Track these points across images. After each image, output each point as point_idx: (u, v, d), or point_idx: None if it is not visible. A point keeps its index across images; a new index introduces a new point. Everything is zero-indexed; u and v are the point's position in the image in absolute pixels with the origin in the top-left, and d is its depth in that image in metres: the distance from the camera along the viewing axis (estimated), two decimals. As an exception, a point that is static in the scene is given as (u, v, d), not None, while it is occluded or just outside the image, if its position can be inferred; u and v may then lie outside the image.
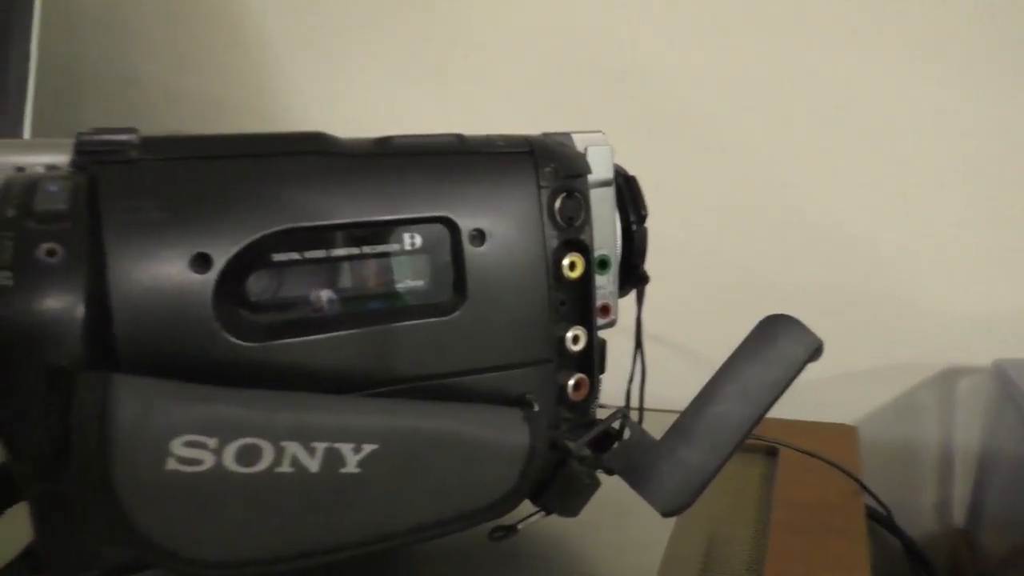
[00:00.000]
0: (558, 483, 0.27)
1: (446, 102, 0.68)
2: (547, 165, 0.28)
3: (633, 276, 0.32)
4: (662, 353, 0.66)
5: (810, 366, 0.65)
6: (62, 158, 0.23)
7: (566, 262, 0.28)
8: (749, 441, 0.53)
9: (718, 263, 0.65)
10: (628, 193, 0.31)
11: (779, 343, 0.29)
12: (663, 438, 0.29)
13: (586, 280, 0.29)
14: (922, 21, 0.59)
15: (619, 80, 0.65)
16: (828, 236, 0.62)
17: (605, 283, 0.30)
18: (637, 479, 0.28)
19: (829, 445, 0.53)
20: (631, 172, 0.33)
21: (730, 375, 0.29)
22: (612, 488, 0.32)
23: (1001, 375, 0.56)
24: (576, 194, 0.28)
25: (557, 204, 0.28)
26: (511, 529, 0.28)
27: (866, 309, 0.62)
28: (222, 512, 0.21)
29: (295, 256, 0.24)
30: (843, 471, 0.49)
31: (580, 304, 0.29)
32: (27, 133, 0.60)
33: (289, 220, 0.24)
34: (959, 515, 0.63)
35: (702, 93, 0.63)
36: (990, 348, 0.60)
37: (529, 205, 0.27)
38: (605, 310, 0.31)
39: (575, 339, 0.29)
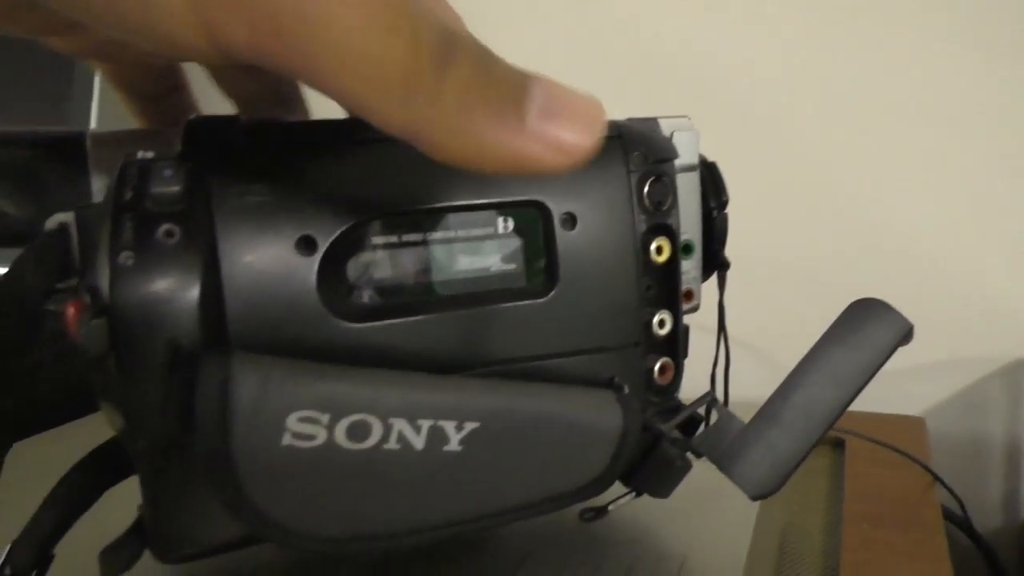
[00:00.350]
0: (652, 465, 0.27)
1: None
2: (636, 149, 0.28)
3: (714, 262, 0.32)
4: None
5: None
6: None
7: (653, 246, 0.28)
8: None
9: (778, 260, 0.64)
10: (709, 178, 0.31)
11: (868, 327, 0.29)
12: (751, 422, 0.29)
13: (672, 264, 0.29)
14: (967, 8, 0.57)
15: (665, 70, 0.64)
16: (892, 231, 0.62)
17: (689, 268, 0.30)
18: (726, 462, 0.28)
19: (897, 437, 0.52)
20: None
21: (818, 359, 0.29)
22: (694, 473, 0.32)
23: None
24: (664, 178, 0.28)
25: (646, 189, 0.28)
26: (602, 510, 0.28)
27: (932, 302, 0.61)
28: (333, 488, 0.21)
29: (394, 239, 0.25)
30: (915, 461, 0.48)
31: (666, 288, 0.29)
32: (93, 122, 0.62)
33: (388, 205, 0.24)
34: (1027, 509, 0.62)
35: (752, 87, 0.63)
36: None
37: (618, 189, 0.27)
38: (689, 295, 0.31)
39: (661, 323, 0.29)
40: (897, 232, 0.61)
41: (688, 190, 0.30)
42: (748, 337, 0.66)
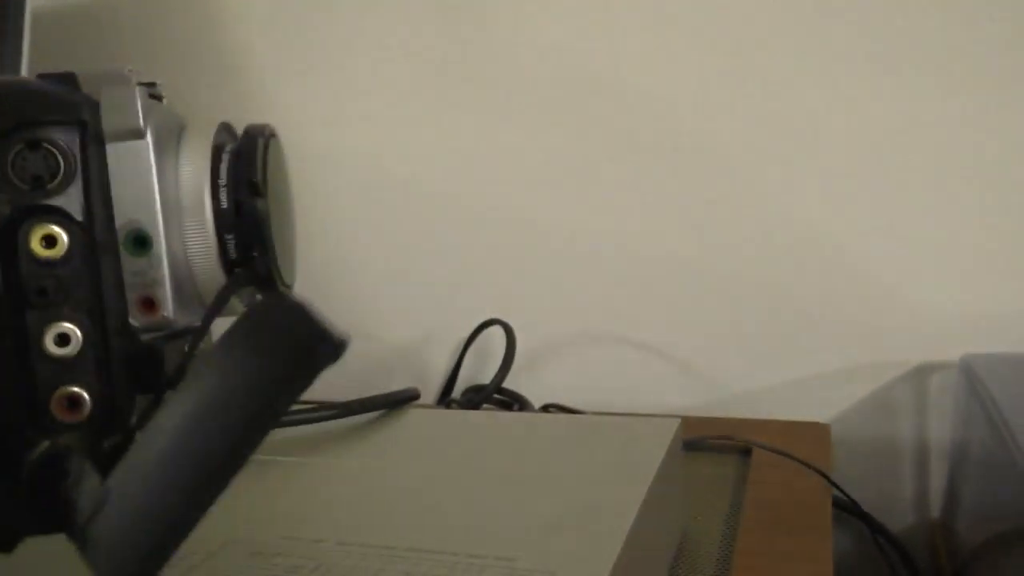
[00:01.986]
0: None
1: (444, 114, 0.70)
2: None
3: (248, 266, 0.25)
4: (648, 358, 0.68)
5: (782, 364, 0.68)
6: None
7: (36, 236, 0.22)
8: (721, 441, 0.55)
9: (692, 266, 0.66)
10: (242, 156, 0.25)
11: (278, 343, 0.19)
12: (111, 477, 0.20)
13: (72, 259, 0.22)
14: (893, 26, 0.60)
15: (601, 93, 0.66)
16: (796, 234, 0.64)
17: (145, 268, 0.24)
18: (84, 544, 0.19)
19: (802, 443, 0.54)
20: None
21: (200, 388, 0.20)
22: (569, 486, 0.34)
23: (968, 370, 0.58)
24: (44, 145, 0.22)
25: (10, 159, 0.22)
26: None
27: (837, 307, 0.64)
28: None
29: None
30: (812, 468, 0.50)
31: (65, 290, 0.22)
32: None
33: None
34: (935, 507, 0.65)
35: (682, 103, 0.65)
36: (961, 344, 0.62)
37: None
38: (148, 304, 0.24)
39: (62, 339, 0.22)
40: (799, 236, 0.64)
41: (131, 164, 0.23)
42: (667, 347, 0.68)
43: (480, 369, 0.71)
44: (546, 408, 0.63)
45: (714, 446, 0.55)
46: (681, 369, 0.68)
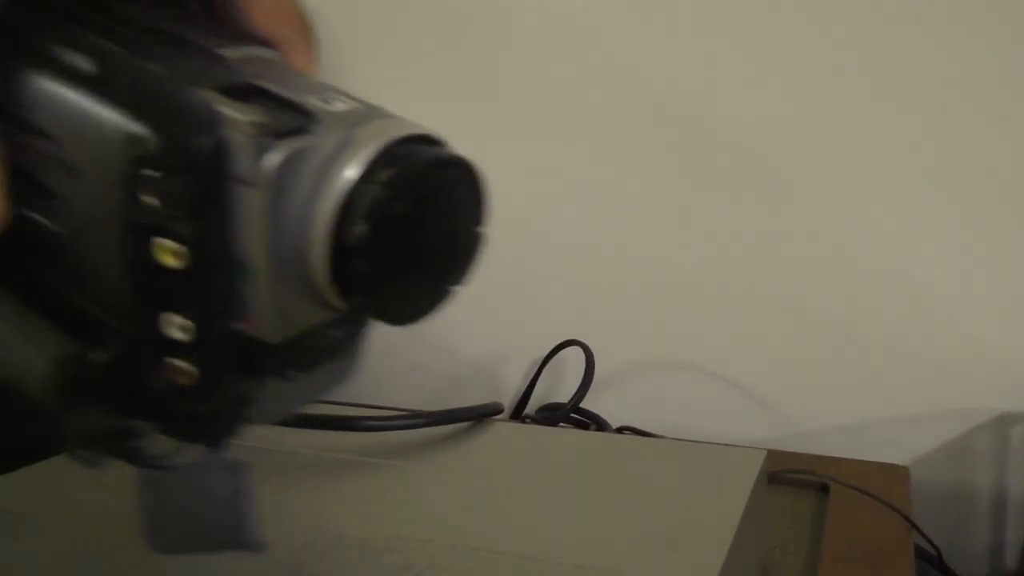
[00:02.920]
0: None
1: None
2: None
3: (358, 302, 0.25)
4: (721, 388, 0.68)
5: (860, 403, 0.67)
6: None
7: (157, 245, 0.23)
8: (801, 477, 0.55)
9: (772, 299, 0.67)
10: (393, 184, 0.24)
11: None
12: None
13: (191, 275, 0.23)
14: (977, 59, 0.60)
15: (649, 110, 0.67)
16: (881, 275, 0.64)
17: (250, 294, 0.24)
18: None
19: (880, 484, 0.54)
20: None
21: None
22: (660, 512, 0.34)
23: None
24: (173, 181, 0.23)
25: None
26: None
27: (920, 348, 0.64)
28: None
29: None
30: (894, 509, 0.50)
31: (184, 295, 0.24)
32: None
33: None
34: (1011, 559, 0.63)
35: (760, 133, 0.65)
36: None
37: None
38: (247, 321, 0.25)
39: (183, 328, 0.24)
40: (885, 277, 0.64)
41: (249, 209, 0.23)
42: (742, 378, 0.68)
43: (552, 388, 0.72)
44: (620, 430, 0.64)
45: (793, 480, 0.55)
46: (755, 401, 0.68)
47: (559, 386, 0.71)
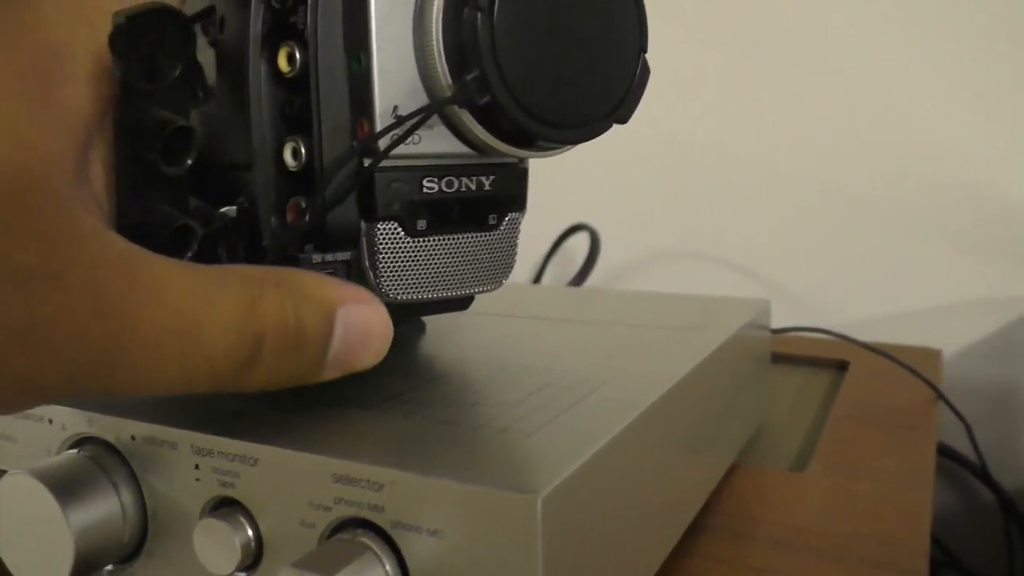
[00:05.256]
0: None
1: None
2: None
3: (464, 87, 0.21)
4: (746, 280, 0.64)
5: (896, 291, 0.61)
6: None
7: (282, 54, 0.22)
8: (816, 355, 0.50)
9: (804, 183, 0.62)
10: None
11: None
12: None
13: (303, 79, 0.22)
14: None
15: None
16: (932, 157, 0.58)
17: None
18: None
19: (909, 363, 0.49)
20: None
21: None
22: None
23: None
24: None
25: None
26: None
27: (966, 232, 0.58)
28: None
29: None
30: (919, 376, 0.45)
31: (295, 108, 0.22)
32: None
33: None
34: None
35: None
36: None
37: None
38: (361, 126, 0.22)
39: (293, 152, 0.22)
40: (952, 164, 0.58)
41: None
42: (767, 267, 0.63)
43: (563, 278, 0.68)
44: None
45: (808, 359, 0.51)
46: (784, 292, 0.63)
47: (569, 273, 0.67)
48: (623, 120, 0.24)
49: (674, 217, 0.66)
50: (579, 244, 0.64)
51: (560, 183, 0.67)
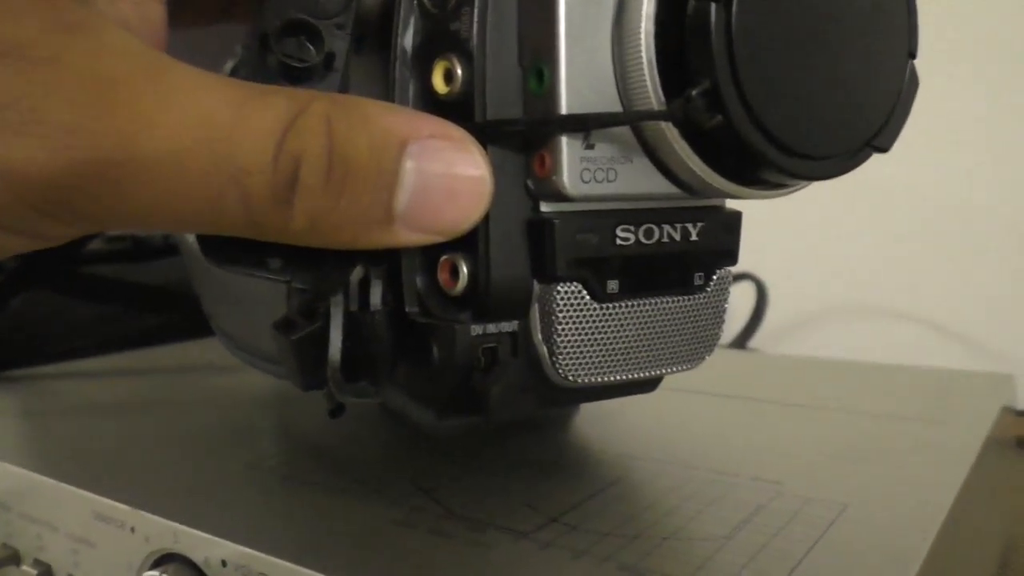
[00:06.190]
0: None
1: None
2: None
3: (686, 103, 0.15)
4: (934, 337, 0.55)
5: None
6: None
7: (438, 69, 0.17)
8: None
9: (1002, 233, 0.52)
10: None
11: None
12: None
13: (467, 99, 0.17)
14: None
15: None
16: None
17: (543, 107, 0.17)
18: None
19: None
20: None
21: None
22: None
23: None
24: None
25: None
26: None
27: None
28: None
29: None
30: None
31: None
32: None
33: None
34: None
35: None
36: None
37: None
38: (541, 161, 0.16)
39: None
40: None
41: None
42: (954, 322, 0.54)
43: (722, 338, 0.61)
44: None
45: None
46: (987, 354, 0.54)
47: (730, 330, 0.60)
48: (884, 148, 0.17)
49: (855, 266, 0.57)
50: (743, 296, 0.57)
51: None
